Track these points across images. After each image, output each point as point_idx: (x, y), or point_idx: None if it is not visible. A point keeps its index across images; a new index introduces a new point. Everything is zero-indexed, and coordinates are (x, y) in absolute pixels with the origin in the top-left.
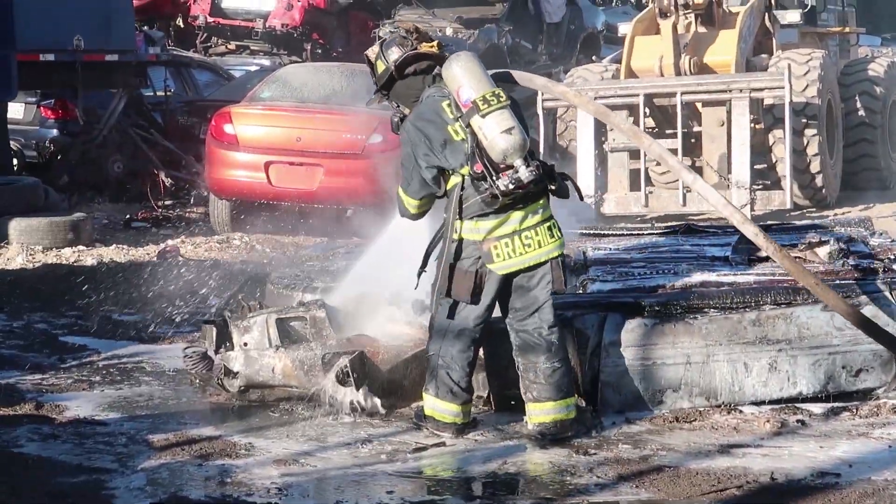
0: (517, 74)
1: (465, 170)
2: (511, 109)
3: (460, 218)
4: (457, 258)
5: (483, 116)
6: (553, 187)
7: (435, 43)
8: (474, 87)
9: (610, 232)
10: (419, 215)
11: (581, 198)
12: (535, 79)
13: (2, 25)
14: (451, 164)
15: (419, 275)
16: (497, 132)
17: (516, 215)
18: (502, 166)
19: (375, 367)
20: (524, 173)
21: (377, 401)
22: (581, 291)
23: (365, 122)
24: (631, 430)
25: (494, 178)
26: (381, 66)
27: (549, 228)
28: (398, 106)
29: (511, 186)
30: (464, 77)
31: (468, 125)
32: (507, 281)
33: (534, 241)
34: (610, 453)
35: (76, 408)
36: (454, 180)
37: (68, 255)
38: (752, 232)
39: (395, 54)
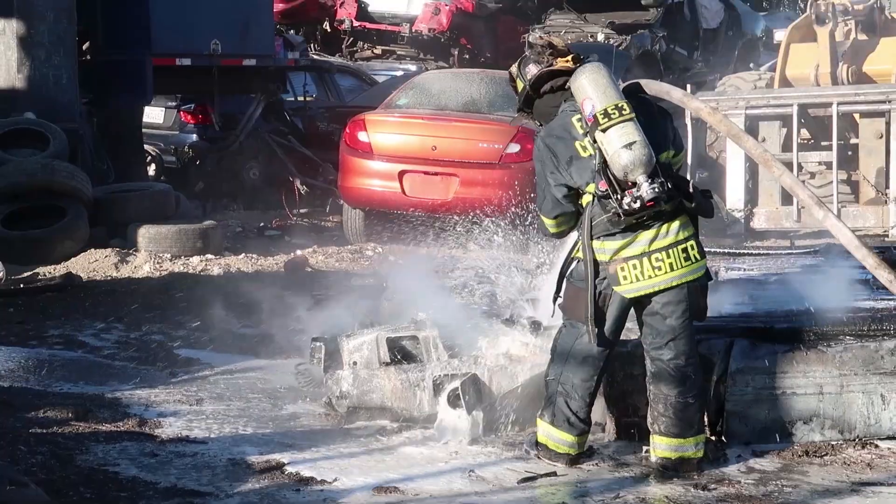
0: (653, 85)
1: (592, 187)
2: (635, 123)
3: (588, 238)
4: (581, 277)
5: (603, 131)
6: (690, 206)
7: (570, 57)
8: (597, 100)
9: (746, 251)
10: (559, 234)
11: (725, 219)
12: (673, 91)
13: (138, 30)
14: (576, 182)
15: (554, 300)
16: (617, 147)
17: (645, 235)
18: (629, 184)
19: (488, 391)
20: (646, 190)
21: (488, 425)
22: None
23: (502, 130)
24: (756, 463)
25: (619, 196)
26: (520, 85)
27: (685, 250)
28: (541, 124)
29: (635, 206)
30: (589, 89)
31: (595, 140)
32: (640, 306)
33: (665, 263)
34: (731, 489)
35: (179, 425)
36: (586, 199)
37: (196, 263)
38: (885, 278)
39: (531, 72)
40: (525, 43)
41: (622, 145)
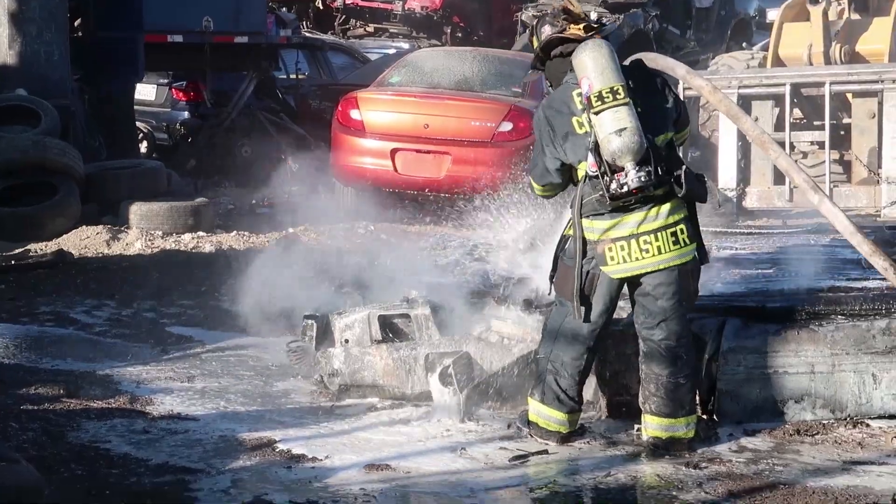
0: (659, 59)
1: (583, 165)
2: (630, 108)
3: (577, 215)
4: (571, 255)
5: (596, 114)
6: (679, 193)
7: (582, 26)
8: (595, 80)
9: (738, 230)
10: (544, 198)
11: (719, 204)
12: (678, 67)
13: (130, 7)
14: (569, 159)
15: (551, 279)
16: (608, 131)
17: (634, 217)
18: (617, 167)
19: (480, 369)
20: (632, 178)
21: (480, 404)
22: None
23: (495, 109)
24: (748, 442)
25: (608, 178)
26: (535, 43)
27: (675, 234)
28: (551, 85)
29: (621, 191)
30: (587, 68)
31: (590, 119)
32: (633, 285)
33: (652, 246)
34: (722, 467)
35: (171, 402)
36: (580, 174)
37: (187, 241)
38: (881, 266)
39: (545, 33)
40: (518, 21)
41: (613, 130)
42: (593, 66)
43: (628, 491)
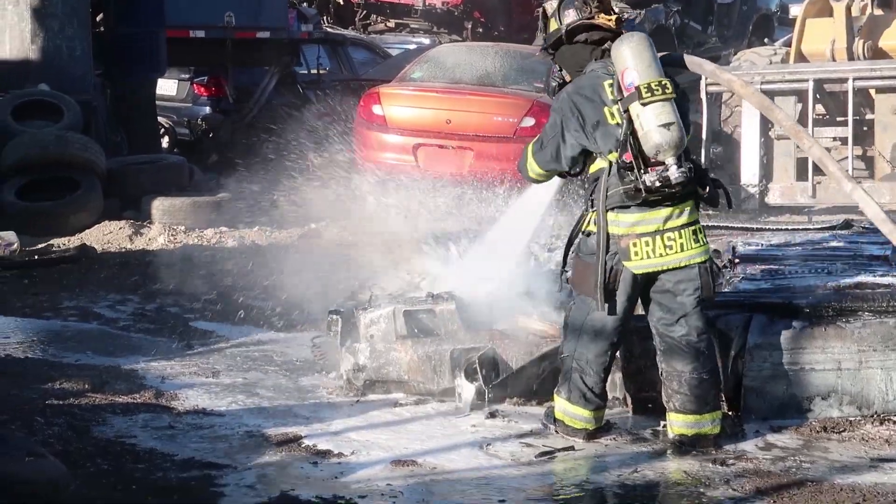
0: (686, 58)
1: (613, 156)
2: (674, 104)
3: (602, 209)
4: (590, 251)
5: (644, 105)
6: (703, 193)
7: (613, 17)
8: (640, 72)
9: (763, 227)
10: (536, 182)
11: (730, 206)
12: (705, 64)
13: (151, 3)
14: (598, 148)
15: (561, 274)
16: (654, 125)
17: (661, 213)
18: (653, 160)
19: (506, 365)
20: (674, 173)
21: (506, 400)
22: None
23: (517, 104)
24: (774, 439)
25: (642, 171)
26: (553, 25)
27: (694, 232)
28: (560, 69)
29: (658, 184)
30: (632, 59)
31: (626, 110)
32: (649, 282)
33: (676, 243)
34: (749, 464)
35: (196, 397)
36: (599, 164)
37: (210, 235)
38: None
39: (569, 17)
40: (539, 16)
41: (660, 124)
42: (638, 59)
43: (655, 487)
